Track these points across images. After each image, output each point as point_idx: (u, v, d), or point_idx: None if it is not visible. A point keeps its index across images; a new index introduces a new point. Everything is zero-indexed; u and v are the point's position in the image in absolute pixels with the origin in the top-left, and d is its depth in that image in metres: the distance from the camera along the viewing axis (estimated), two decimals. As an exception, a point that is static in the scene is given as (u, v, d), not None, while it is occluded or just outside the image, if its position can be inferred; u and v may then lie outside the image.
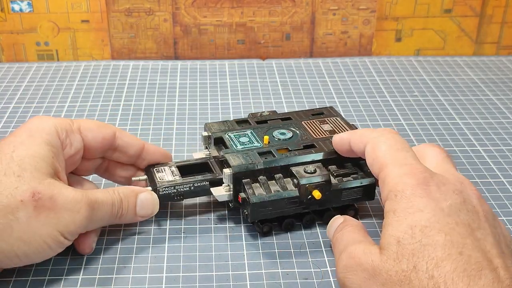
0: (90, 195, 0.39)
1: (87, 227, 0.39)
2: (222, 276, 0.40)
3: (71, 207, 0.38)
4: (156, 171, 0.46)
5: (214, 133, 0.47)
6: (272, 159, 0.43)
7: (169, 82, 0.71)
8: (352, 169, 0.45)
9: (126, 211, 0.42)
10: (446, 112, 0.64)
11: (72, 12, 0.75)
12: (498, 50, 0.82)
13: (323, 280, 0.40)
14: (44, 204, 0.37)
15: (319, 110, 0.51)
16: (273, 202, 0.42)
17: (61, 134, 0.41)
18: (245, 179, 0.43)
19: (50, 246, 0.38)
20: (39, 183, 0.37)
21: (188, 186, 0.44)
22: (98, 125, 0.44)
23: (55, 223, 0.37)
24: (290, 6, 0.77)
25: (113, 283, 0.39)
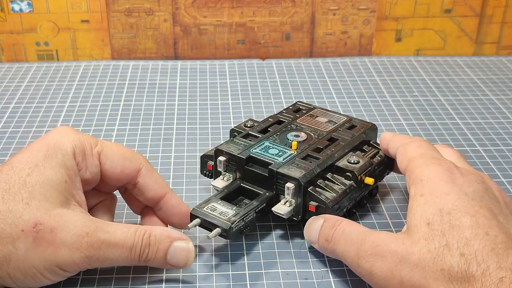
0: (100, 234, 0.36)
1: (92, 265, 0.37)
2: (222, 276, 0.40)
3: (71, 243, 0.36)
4: (208, 209, 0.41)
5: (240, 154, 0.44)
6: (321, 161, 0.44)
7: (169, 82, 0.71)
8: (373, 149, 0.47)
9: (153, 257, 0.38)
10: (446, 112, 0.64)
11: (72, 12, 0.75)
12: (498, 50, 0.82)
13: (323, 280, 0.40)
14: (43, 237, 0.35)
15: (294, 107, 0.53)
16: (342, 198, 0.43)
17: (77, 155, 0.39)
18: (309, 187, 0.42)
19: (46, 277, 0.36)
20: (44, 213, 0.36)
21: (252, 214, 0.41)
22: (122, 156, 0.41)
23: (53, 258, 0.36)
24: (290, 6, 0.77)
25: (113, 283, 0.39)
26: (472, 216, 0.34)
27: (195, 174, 0.51)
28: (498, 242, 0.33)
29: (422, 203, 0.36)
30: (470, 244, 0.33)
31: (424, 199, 0.36)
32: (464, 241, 0.33)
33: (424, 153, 0.40)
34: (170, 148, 0.56)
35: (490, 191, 0.37)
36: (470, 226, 0.34)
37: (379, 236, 0.36)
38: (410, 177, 0.39)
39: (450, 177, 0.37)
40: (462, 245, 0.33)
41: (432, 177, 0.37)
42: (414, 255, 0.34)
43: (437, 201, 0.36)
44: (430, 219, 0.35)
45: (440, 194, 0.36)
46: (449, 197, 0.36)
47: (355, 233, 0.38)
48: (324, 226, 0.40)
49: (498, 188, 0.38)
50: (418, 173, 0.38)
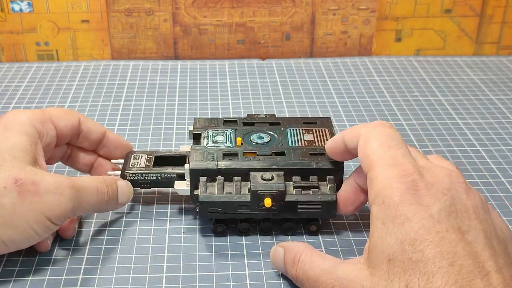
0: (73, 179, 0.40)
1: (73, 211, 0.40)
2: (222, 276, 0.40)
3: (55, 189, 0.38)
4: (133, 157, 0.47)
5: (195, 128, 0.48)
6: (234, 161, 0.43)
7: (169, 82, 0.71)
8: (314, 182, 0.43)
9: (110, 197, 0.42)
10: (446, 112, 0.64)
11: (72, 12, 0.75)
12: (498, 50, 0.82)
13: (323, 280, 0.40)
14: (27, 189, 0.37)
15: (314, 119, 0.49)
16: (222, 203, 0.42)
17: (37, 125, 0.42)
18: (202, 176, 0.43)
19: (36, 231, 0.38)
20: (20, 170, 0.38)
21: (155, 176, 0.45)
22: (65, 113, 0.45)
23: (41, 208, 0.37)
24: (290, 6, 0.77)
25: (113, 283, 0.39)
26: (436, 245, 0.32)
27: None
28: (462, 272, 0.31)
29: (383, 233, 0.33)
30: (433, 281, 0.31)
31: (386, 228, 0.33)
32: (426, 277, 0.31)
33: (385, 156, 0.36)
34: (170, 148, 0.56)
35: (458, 201, 0.34)
36: (433, 258, 0.31)
37: (337, 277, 0.35)
38: (371, 191, 0.35)
39: (413, 197, 0.33)
40: (424, 283, 0.31)
41: (394, 199, 0.34)
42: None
43: (398, 231, 0.33)
44: (391, 255, 0.32)
45: (402, 221, 0.33)
46: (412, 224, 0.32)
47: (314, 275, 0.36)
48: (285, 260, 0.39)
49: (465, 189, 0.35)
50: (378, 191, 0.35)
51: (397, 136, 0.38)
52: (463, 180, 0.35)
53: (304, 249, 0.38)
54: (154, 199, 0.48)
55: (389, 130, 0.38)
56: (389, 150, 0.36)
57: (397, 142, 0.37)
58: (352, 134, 0.39)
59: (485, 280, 0.31)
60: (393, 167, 0.35)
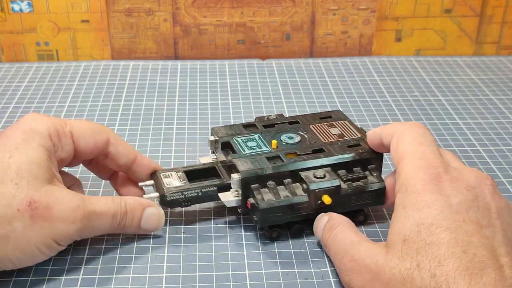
0: (88, 205, 0.39)
1: (82, 236, 0.39)
2: (222, 276, 0.40)
3: (66, 217, 0.38)
4: (163, 176, 0.45)
5: (221, 138, 0.46)
6: (281, 164, 0.43)
7: (169, 82, 0.71)
8: (361, 173, 0.44)
9: (130, 224, 0.41)
10: (446, 112, 0.64)
11: (72, 12, 0.75)
12: (498, 50, 0.82)
13: (323, 280, 0.40)
14: (40, 213, 0.37)
15: (327, 114, 0.51)
16: (283, 208, 0.41)
17: (53, 137, 0.40)
18: (253, 184, 0.42)
19: (43, 252, 0.38)
20: (36, 191, 0.37)
21: (196, 192, 0.44)
22: (92, 131, 0.43)
23: (50, 232, 0.37)
24: (290, 6, 0.77)
25: (113, 283, 0.39)
26: (452, 232, 0.33)
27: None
28: (475, 261, 0.31)
29: (402, 216, 0.35)
30: (444, 264, 0.31)
31: (405, 212, 0.35)
32: (437, 260, 0.32)
33: (414, 152, 0.38)
34: (170, 148, 0.56)
35: (481, 198, 0.35)
36: (447, 244, 0.32)
37: (359, 250, 0.36)
38: (398, 181, 0.37)
39: (436, 186, 0.35)
40: (435, 265, 0.32)
41: (417, 186, 0.35)
42: (385, 274, 0.33)
43: (416, 215, 0.34)
44: (406, 235, 0.34)
45: (422, 206, 0.34)
46: (431, 210, 0.34)
47: (342, 243, 0.38)
48: (325, 227, 0.40)
49: (492, 191, 0.36)
50: (403, 180, 0.36)
51: (428, 135, 0.39)
52: (491, 183, 0.36)
53: (344, 221, 0.40)
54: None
55: (421, 129, 0.40)
56: (419, 146, 0.38)
57: (428, 140, 0.39)
58: (388, 132, 0.41)
59: (497, 272, 0.31)
60: (420, 160, 0.37)
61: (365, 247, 0.36)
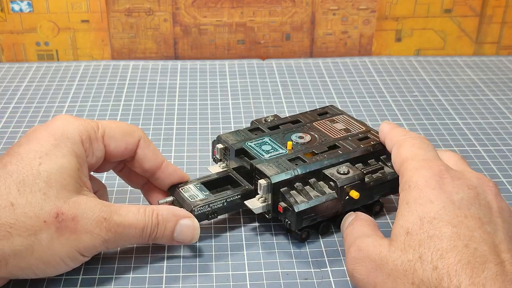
0: (116, 218, 0.38)
1: (108, 248, 0.38)
2: (222, 276, 0.40)
3: (92, 229, 0.37)
4: (183, 190, 0.44)
5: (233, 145, 0.45)
6: (306, 165, 0.43)
7: (169, 82, 0.71)
8: (378, 165, 0.45)
9: (161, 236, 0.40)
10: (446, 112, 0.64)
11: (72, 12, 0.75)
12: (498, 50, 0.82)
13: (323, 280, 0.40)
14: (66, 226, 0.36)
15: (323, 110, 0.51)
16: (315, 208, 0.41)
17: (85, 142, 0.39)
18: (283, 188, 0.42)
19: (67, 264, 0.37)
20: (64, 202, 0.36)
21: (222, 202, 0.43)
22: (123, 133, 0.41)
23: (75, 245, 0.36)
24: (290, 6, 0.77)
25: (113, 283, 0.39)
26: (454, 226, 0.33)
27: (195, 174, 0.51)
28: (476, 255, 0.31)
29: (405, 211, 0.35)
30: (446, 257, 0.32)
31: (408, 207, 0.35)
32: (439, 253, 0.32)
33: (416, 155, 0.39)
34: (170, 148, 0.56)
35: (482, 197, 0.35)
36: (449, 237, 0.33)
37: (365, 241, 0.37)
38: (401, 181, 0.38)
39: (438, 183, 0.36)
40: (437, 257, 0.32)
41: (420, 183, 0.36)
42: (388, 265, 0.34)
43: (419, 209, 0.35)
44: (409, 228, 0.34)
45: (424, 201, 0.35)
46: (433, 205, 0.34)
47: (355, 234, 0.39)
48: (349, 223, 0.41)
49: (494, 192, 0.36)
50: (407, 178, 0.37)
51: (428, 143, 0.41)
52: (493, 184, 0.37)
53: (366, 218, 0.41)
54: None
55: (422, 138, 0.41)
56: (420, 150, 0.39)
57: (429, 147, 0.40)
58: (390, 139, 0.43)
59: (498, 266, 0.31)
60: (422, 161, 0.38)
61: (372, 239, 0.37)
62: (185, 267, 0.41)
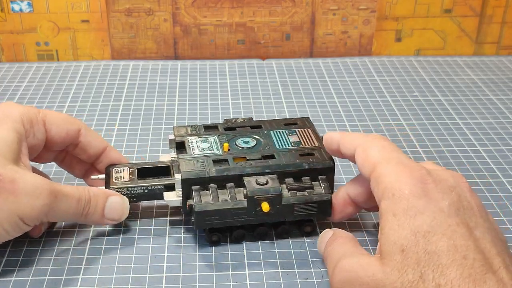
0: (54, 185, 0.39)
1: (48, 216, 0.39)
2: (222, 276, 0.40)
3: (32, 191, 0.38)
4: (115, 171, 0.46)
5: (177, 137, 0.46)
6: (225, 168, 0.42)
7: (169, 82, 0.71)
8: (308, 183, 0.43)
9: (93, 211, 0.41)
10: (446, 112, 0.64)
11: (72, 12, 0.75)
12: (498, 50, 0.82)
13: (323, 280, 0.40)
14: (4, 186, 0.37)
15: (293, 120, 0.49)
16: (219, 212, 0.41)
17: (26, 123, 0.41)
18: (195, 185, 0.42)
19: (7, 230, 0.38)
20: (1, 166, 0.37)
21: (142, 189, 0.44)
22: (65, 120, 0.44)
23: (15, 207, 0.37)
24: (290, 6, 0.77)
25: (113, 283, 0.39)
26: (449, 238, 0.32)
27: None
28: (476, 266, 0.31)
29: (395, 225, 0.33)
30: (447, 273, 0.31)
31: (397, 220, 0.33)
32: (440, 269, 0.31)
33: (389, 158, 0.37)
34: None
35: (463, 198, 0.35)
36: (447, 251, 0.31)
37: (349, 261, 0.35)
38: (379, 187, 0.36)
39: (423, 191, 0.34)
40: (438, 275, 0.31)
41: (405, 191, 0.34)
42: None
43: (411, 222, 0.33)
44: (404, 245, 0.32)
45: (414, 213, 0.33)
46: (424, 217, 0.33)
47: (337, 254, 0.37)
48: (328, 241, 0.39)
49: (468, 188, 0.36)
50: (388, 185, 0.35)
51: (395, 145, 0.39)
52: (465, 180, 0.36)
53: (345, 236, 0.39)
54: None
55: (387, 140, 0.39)
56: (391, 153, 0.37)
57: (396, 148, 0.38)
58: (349, 143, 0.40)
59: (496, 275, 0.31)
60: (399, 165, 0.36)
61: (357, 258, 0.35)
62: (185, 267, 0.41)
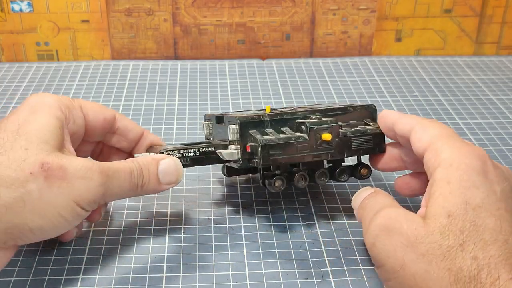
0: (103, 163, 0.38)
1: (105, 196, 0.38)
2: (222, 276, 0.40)
3: (83, 174, 0.36)
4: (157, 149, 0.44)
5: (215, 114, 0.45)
6: (277, 113, 0.42)
7: (169, 82, 0.71)
8: (356, 123, 0.44)
9: (148, 180, 0.40)
10: (446, 112, 0.64)
11: (72, 12, 0.75)
12: (498, 50, 0.82)
13: (323, 280, 0.40)
14: (54, 174, 0.35)
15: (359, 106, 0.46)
16: (283, 146, 0.40)
17: (64, 109, 0.40)
18: (251, 130, 0.41)
19: (65, 218, 0.36)
20: (47, 154, 0.36)
21: (194, 152, 0.42)
22: (100, 107, 0.43)
23: (69, 193, 0.36)
24: (290, 6, 0.77)
25: (113, 283, 0.39)
26: (497, 218, 0.32)
27: (195, 174, 0.51)
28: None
29: (447, 191, 0.33)
30: (487, 249, 0.31)
31: (450, 187, 0.33)
32: (482, 244, 0.31)
33: (451, 135, 0.37)
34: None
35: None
36: (492, 229, 0.32)
37: (396, 211, 0.35)
38: (436, 157, 0.35)
39: (482, 169, 0.34)
40: (478, 248, 0.31)
41: (464, 164, 0.34)
42: (424, 245, 0.32)
43: (464, 192, 0.33)
44: (452, 211, 0.32)
45: (470, 186, 0.33)
46: (479, 192, 0.33)
47: (380, 203, 0.37)
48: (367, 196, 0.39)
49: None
50: (447, 156, 0.35)
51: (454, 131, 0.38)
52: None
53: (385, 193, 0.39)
54: (154, 199, 0.48)
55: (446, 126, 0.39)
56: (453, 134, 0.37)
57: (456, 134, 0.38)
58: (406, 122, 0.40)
59: None
60: (462, 141, 0.36)
61: (404, 211, 0.35)
62: (185, 267, 0.41)
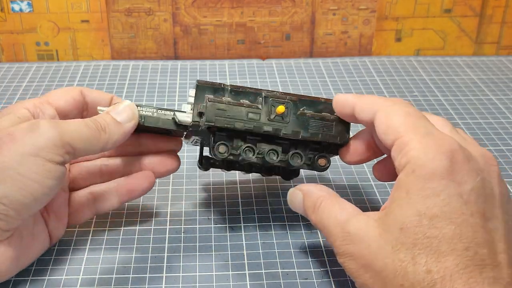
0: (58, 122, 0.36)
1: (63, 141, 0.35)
2: (222, 276, 0.40)
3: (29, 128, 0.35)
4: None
5: None
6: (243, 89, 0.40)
7: (169, 82, 0.71)
8: None
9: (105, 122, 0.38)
10: (446, 112, 0.64)
11: (72, 12, 0.75)
12: (498, 50, 0.82)
13: (323, 280, 0.40)
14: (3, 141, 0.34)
15: None
16: (232, 109, 0.39)
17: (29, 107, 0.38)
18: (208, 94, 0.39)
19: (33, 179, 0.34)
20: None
21: (151, 112, 0.40)
22: (64, 90, 0.41)
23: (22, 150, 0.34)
24: (290, 6, 0.77)
25: (113, 283, 0.39)
26: (457, 226, 0.30)
27: (195, 174, 0.51)
28: (475, 259, 0.30)
29: (404, 202, 0.32)
30: (442, 260, 0.30)
31: (408, 198, 0.32)
32: (436, 256, 0.30)
33: (416, 127, 0.33)
34: (170, 148, 0.56)
35: (487, 184, 0.33)
36: (450, 239, 0.30)
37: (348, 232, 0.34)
38: (401, 159, 0.33)
39: (448, 170, 0.31)
40: (432, 260, 0.30)
41: (428, 169, 0.31)
42: (378, 261, 0.31)
43: (421, 202, 0.31)
44: (405, 224, 0.31)
45: (429, 194, 0.31)
46: (438, 200, 0.31)
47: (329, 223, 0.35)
48: (306, 205, 0.37)
49: (498, 173, 0.34)
50: (411, 159, 0.32)
51: (420, 113, 0.35)
52: (496, 163, 0.35)
53: (325, 195, 0.37)
54: (154, 199, 0.48)
55: (411, 107, 0.36)
56: (418, 120, 0.34)
57: (423, 117, 0.35)
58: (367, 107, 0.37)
59: (495, 271, 0.30)
60: (427, 134, 0.33)
61: (354, 228, 0.33)
62: (185, 267, 0.41)
